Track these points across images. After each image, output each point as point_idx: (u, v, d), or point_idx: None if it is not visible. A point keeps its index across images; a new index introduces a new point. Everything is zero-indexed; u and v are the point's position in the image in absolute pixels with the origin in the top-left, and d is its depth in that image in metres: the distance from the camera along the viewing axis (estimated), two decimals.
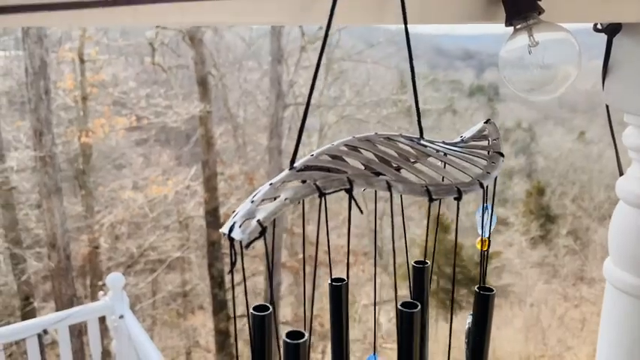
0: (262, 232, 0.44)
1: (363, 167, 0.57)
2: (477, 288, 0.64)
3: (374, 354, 0.69)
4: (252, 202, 0.47)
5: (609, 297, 0.99)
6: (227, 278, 8.94)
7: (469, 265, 11.28)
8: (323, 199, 0.51)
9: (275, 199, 0.48)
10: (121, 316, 2.61)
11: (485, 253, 0.67)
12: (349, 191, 0.52)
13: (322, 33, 0.57)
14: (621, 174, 1.02)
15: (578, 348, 9.86)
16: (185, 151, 10.11)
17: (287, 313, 9.47)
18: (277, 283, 7.82)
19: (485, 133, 0.71)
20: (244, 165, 9.19)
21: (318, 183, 0.49)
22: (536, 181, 13.08)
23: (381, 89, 9.89)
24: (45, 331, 2.58)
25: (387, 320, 11.24)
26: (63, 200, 6.69)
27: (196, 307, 10.35)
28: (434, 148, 0.64)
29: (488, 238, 0.65)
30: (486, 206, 0.65)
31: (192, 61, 8.66)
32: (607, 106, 1.03)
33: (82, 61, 7.97)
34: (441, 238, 11.45)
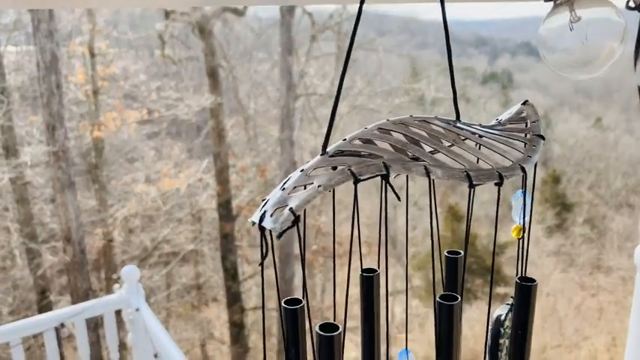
0: (295, 222, 0.41)
1: (398, 152, 0.53)
2: (518, 279, 0.60)
3: (406, 348, 0.65)
4: (283, 189, 0.44)
5: None
6: (240, 270, 8.95)
7: (484, 255, 11.20)
8: (356, 186, 0.49)
9: (306, 186, 0.45)
10: (137, 309, 2.59)
11: (522, 241, 0.63)
12: (385, 177, 0.49)
13: (332, 22, 0.54)
14: None
15: (595, 337, 9.76)
16: (196, 144, 10.11)
17: None
18: (291, 275, 7.80)
19: (523, 115, 0.68)
20: (256, 157, 9.16)
21: (352, 169, 0.47)
22: (551, 169, 12.91)
23: (392, 78, 9.78)
24: (62, 325, 2.56)
25: (402, 311, 11.20)
26: (77, 194, 6.71)
27: (210, 299, 10.39)
28: (471, 131, 0.61)
29: (524, 225, 0.61)
30: (524, 192, 0.61)
31: (202, 52, 8.62)
32: (639, 87, 0.97)
33: (92, 54, 7.96)
34: (455, 228, 11.36)
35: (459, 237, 10.97)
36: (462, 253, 0.63)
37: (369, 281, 0.58)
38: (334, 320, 0.50)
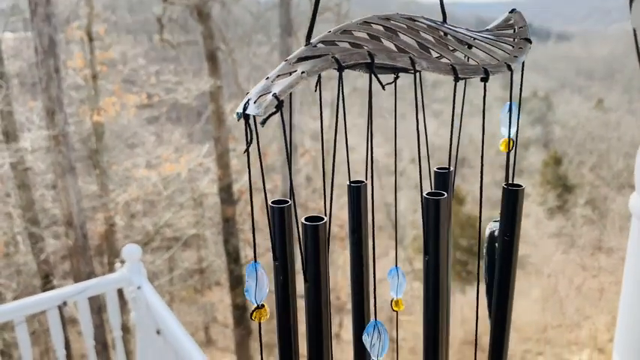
0: (279, 106, 0.41)
1: (384, 43, 0.53)
2: (505, 184, 0.59)
3: (396, 266, 0.64)
4: (267, 78, 0.44)
5: (636, 232, 0.94)
6: (242, 254, 8.98)
7: (484, 237, 11.21)
8: (341, 74, 0.48)
9: (291, 74, 0.44)
10: (139, 287, 2.60)
11: (509, 153, 0.62)
12: (370, 65, 0.48)
13: (332, 3, 0.53)
14: None
15: (596, 317, 9.81)
16: (197, 129, 10.09)
17: (298, 289, 9.51)
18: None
19: (511, 22, 0.68)
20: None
21: (337, 56, 0.46)
22: (552, 151, 12.89)
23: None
24: (65, 303, 2.58)
25: (404, 293, 11.24)
26: (78, 179, 6.72)
27: (213, 283, 10.45)
28: (458, 31, 0.60)
29: (511, 138, 0.60)
30: (511, 104, 0.61)
31: (201, 36, 8.56)
32: (634, 30, 0.96)
33: (90, 39, 7.91)
34: (456, 211, 11.37)
35: (459, 219, 10.99)
36: (451, 169, 0.63)
37: (357, 191, 0.58)
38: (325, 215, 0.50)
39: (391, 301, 0.56)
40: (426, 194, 0.53)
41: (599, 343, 9.46)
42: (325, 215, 0.50)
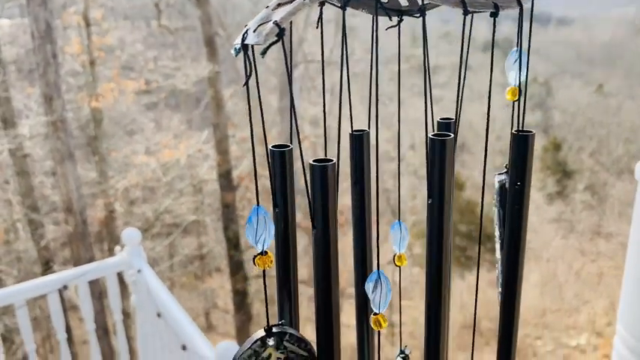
0: (280, 34, 0.38)
1: None
2: (515, 131, 0.57)
3: (399, 220, 0.62)
4: (267, 7, 0.42)
5: None
6: (242, 240, 9.00)
7: (485, 222, 11.22)
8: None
9: (292, 1, 0.42)
10: (139, 270, 2.60)
11: (518, 101, 0.60)
12: (375, 2, 0.47)
13: None
14: None
15: (595, 302, 9.87)
16: (195, 115, 10.06)
17: (304, 273, 9.55)
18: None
19: None
20: (255, 127, 9.11)
21: None
22: (552, 137, 12.86)
23: (391, 45, 9.66)
24: (65, 287, 2.58)
25: (403, 279, 11.29)
26: (77, 166, 6.71)
27: (213, 269, 10.49)
28: None
29: (519, 87, 0.58)
30: (519, 49, 0.59)
31: (199, 21, 8.50)
32: None
33: (87, 24, 7.85)
34: (456, 196, 11.37)
35: (459, 204, 11.00)
36: (454, 119, 0.61)
37: (359, 140, 0.56)
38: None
39: (394, 257, 0.55)
40: (432, 135, 0.51)
41: (598, 327, 9.52)
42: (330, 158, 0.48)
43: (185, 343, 2.19)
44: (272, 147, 0.47)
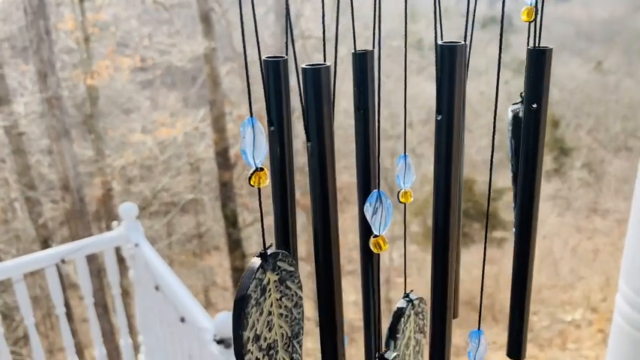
0: None
1: None
2: (531, 47, 0.53)
3: (404, 154, 0.61)
4: None
5: None
6: (241, 218, 9.02)
7: (481, 200, 11.28)
8: None
9: None
10: (136, 245, 2.61)
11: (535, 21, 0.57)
12: None
13: None
14: None
15: (590, 278, 9.97)
16: (192, 93, 9.99)
17: (302, 250, 9.60)
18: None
19: None
20: (252, 105, 9.06)
21: None
22: (550, 114, 12.83)
23: (390, 20, 9.56)
24: (63, 261, 2.59)
25: (400, 255, 11.39)
26: (73, 144, 6.68)
27: (212, 247, 10.53)
28: None
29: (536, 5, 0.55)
30: None
31: None
32: None
33: (80, 0, 7.74)
34: None
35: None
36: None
37: (362, 60, 0.52)
38: None
39: (398, 193, 0.53)
40: (442, 42, 0.48)
41: (592, 303, 9.63)
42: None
43: (184, 316, 2.20)
44: (265, 58, 0.44)
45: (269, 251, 0.40)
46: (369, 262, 0.53)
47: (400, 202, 0.52)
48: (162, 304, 2.45)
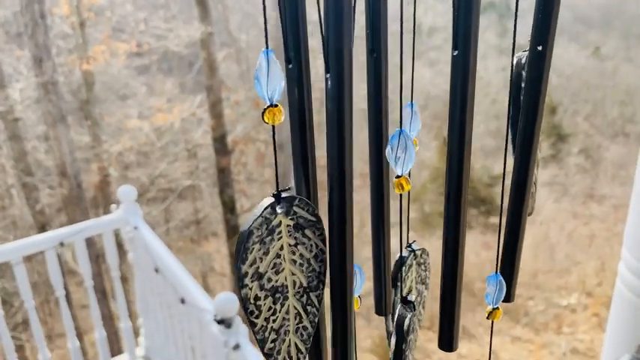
0: None
1: None
2: None
3: (412, 101, 0.58)
4: None
5: None
6: (238, 204, 9.03)
7: (478, 186, 11.31)
8: None
9: None
10: (135, 227, 2.61)
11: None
12: None
13: None
14: None
15: (585, 263, 10.04)
16: (188, 79, 9.94)
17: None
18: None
19: None
20: (249, 91, 9.02)
21: None
22: (548, 100, 12.79)
23: (390, 5, 9.49)
24: (61, 244, 2.59)
25: (396, 242, 11.42)
26: (70, 129, 6.65)
27: (210, 234, 10.55)
28: None
29: None
30: None
31: None
32: None
33: None
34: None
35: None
36: None
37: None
38: None
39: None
40: None
41: (588, 288, 9.71)
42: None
43: (184, 297, 2.21)
44: None
45: (284, 194, 0.39)
46: (380, 205, 0.53)
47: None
48: (162, 286, 2.46)
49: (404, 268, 0.52)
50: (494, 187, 11.65)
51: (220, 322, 1.90)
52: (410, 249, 0.52)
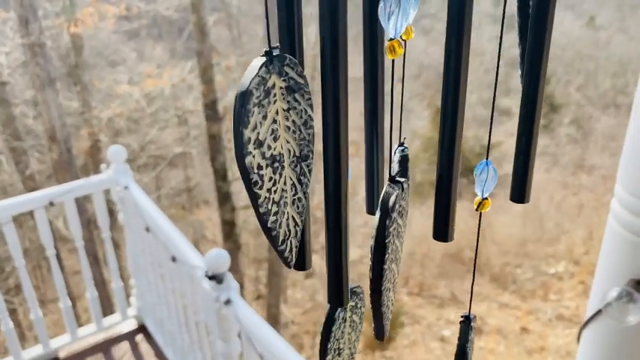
0: None
1: None
2: None
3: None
4: None
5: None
6: (230, 171, 9.00)
7: (469, 156, 11.34)
8: None
9: None
10: (126, 187, 2.59)
11: None
12: None
13: None
14: None
15: (573, 232, 10.18)
16: (179, 45, 9.77)
17: None
18: None
19: None
20: (241, 56, 8.89)
21: None
22: None
23: None
24: (51, 203, 2.57)
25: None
26: (58, 94, 6.54)
27: (201, 202, 10.55)
28: None
29: None
30: None
31: None
32: None
33: None
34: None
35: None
36: None
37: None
38: None
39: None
40: None
41: (575, 256, 9.87)
42: None
43: (175, 255, 2.21)
44: None
45: (275, 52, 0.37)
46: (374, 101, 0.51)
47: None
48: (153, 246, 2.46)
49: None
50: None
51: (212, 278, 1.91)
52: (402, 148, 0.50)
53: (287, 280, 9.49)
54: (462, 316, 0.52)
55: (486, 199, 0.45)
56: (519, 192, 0.47)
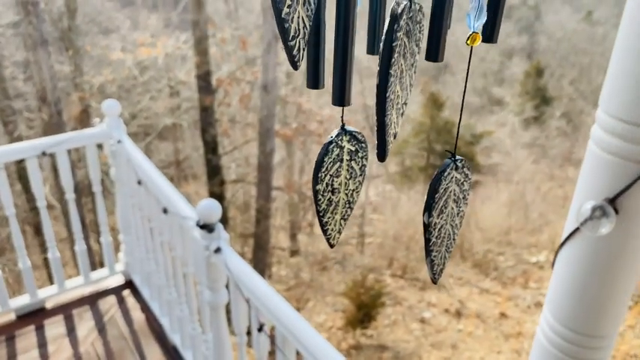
0: None
1: None
2: None
3: None
4: None
5: None
6: (221, 146, 8.99)
7: (459, 143, 11.41)
8: None
9: None
10: (119, 141, 2.60)
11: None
12: None
13: None
14: None
15: (557, 222, 10.33)
16: (174, 15, 9.68)
17: (280, 179, 9.68)
18: (271, 150, 7.88)
19: None
20: (237, 29, 8.83)
21: None
22: (536, 62, 12.82)
23: None
24: (43, 153, 2.57)
25: (376, 194, 11.57)
26: (50, 56, 6.46)
27: (190, 176, 10.53)
28: None
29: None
30: None
31: None
32: None
33: None
34: (435, 115, 11.44)
35: (436, 124, 11.08)
36: None
37: None
38: None
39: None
40: None
41: (557, 246, 10.02)
42: None
43: (166, 207, 2.24)
44: None
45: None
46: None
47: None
48: (145, 199, 2.48)
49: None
50: (476, 145, 11.78)
51: (203, 227, 1.94)
52: None
53: (272, 257, 9.55)
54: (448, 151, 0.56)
55: (476, 32, 0.48)
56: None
